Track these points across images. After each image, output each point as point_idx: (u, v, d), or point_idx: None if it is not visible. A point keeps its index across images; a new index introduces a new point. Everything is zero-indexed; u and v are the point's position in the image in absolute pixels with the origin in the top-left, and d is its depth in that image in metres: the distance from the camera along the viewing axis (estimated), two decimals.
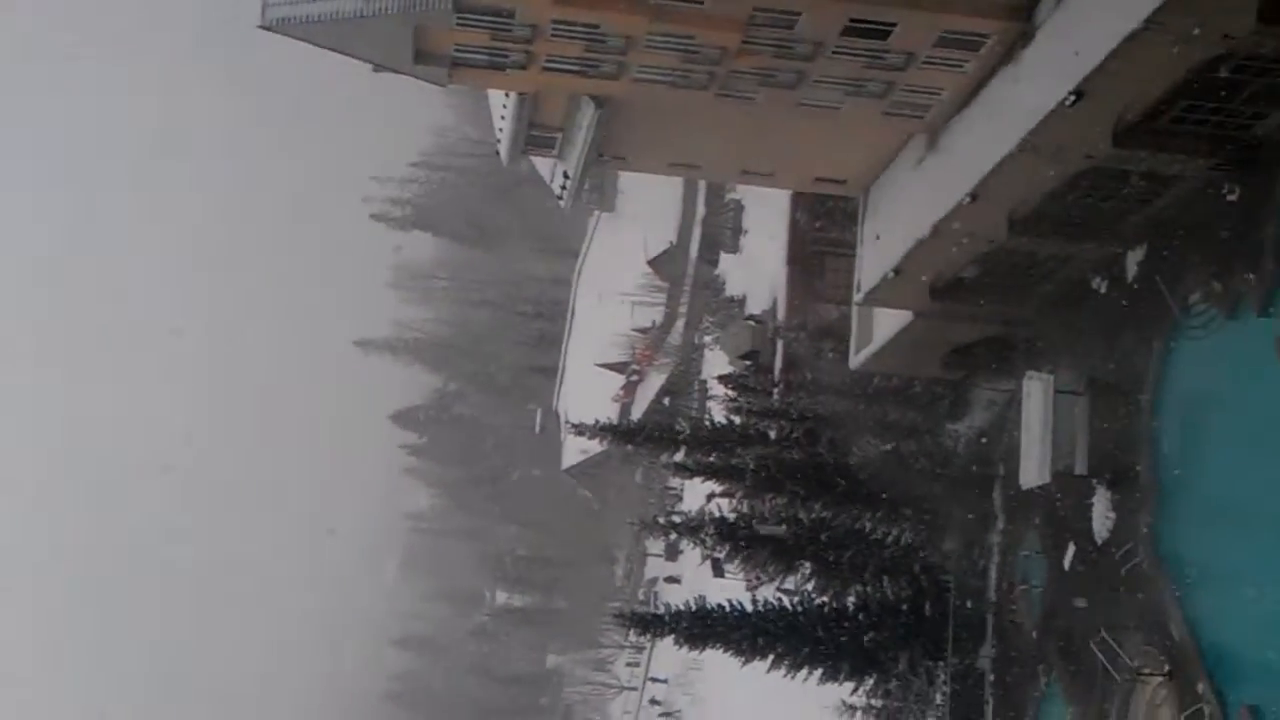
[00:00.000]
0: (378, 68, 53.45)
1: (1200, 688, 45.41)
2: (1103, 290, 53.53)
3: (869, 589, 64.98)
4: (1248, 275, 44.53)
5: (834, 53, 47.94)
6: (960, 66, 48.27)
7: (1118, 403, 52.25)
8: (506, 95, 57.01)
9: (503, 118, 58.71)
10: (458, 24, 48.22)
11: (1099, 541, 52.61)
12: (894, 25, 46.37)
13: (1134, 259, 51.34)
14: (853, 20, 46.20)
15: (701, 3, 45.96)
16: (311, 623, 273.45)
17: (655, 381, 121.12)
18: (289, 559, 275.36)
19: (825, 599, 66.19)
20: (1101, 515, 52.63)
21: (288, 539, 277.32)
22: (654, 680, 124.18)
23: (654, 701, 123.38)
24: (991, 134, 47.33)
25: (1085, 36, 41.38)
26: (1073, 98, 41.97)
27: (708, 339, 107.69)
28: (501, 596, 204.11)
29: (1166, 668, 47.46)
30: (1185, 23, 38.28)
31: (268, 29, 50.92)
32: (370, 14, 48.92)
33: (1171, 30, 38.57)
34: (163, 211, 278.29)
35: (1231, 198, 45.40)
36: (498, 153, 62.78)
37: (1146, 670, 48.42)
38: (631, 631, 75.44)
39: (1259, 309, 44.01)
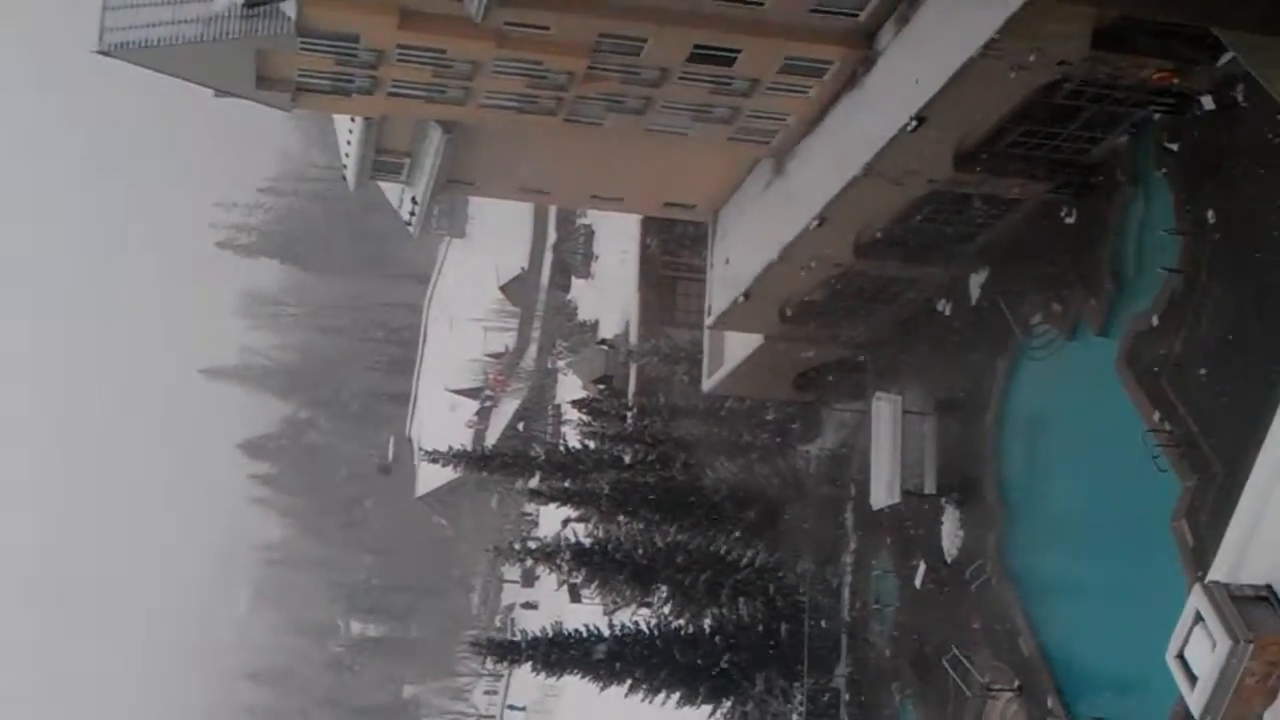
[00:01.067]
0: (220, 93, 52.58)
1: (1050, 702, 46.12)
2: (948, 312, 54.38)
3: (725, 611, 65.13)
4: (1087, 297, 45.48)
5: (680, 78, 48.12)
6: (805, 92, 48.72)
7: (964, 422, 53.10)
8: (353, 120, 56.40)
9: (349, 143, 58.09)
10: (301, 49, 47.55)
11: (949, 559, 53.34)
12: (739, 51, 46.64)
13: (977, 281, 52.21)
14: (698, 47, 46.41)
15: (548, 28, 45.85)
16: (162, 656, 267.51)
17: (509, 407, 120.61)
18: (139, 592, 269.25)
19: (682, 622, 66.23)
20: (951, 533, 53.38)
21: (136, 572, 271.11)
22: (511, 709, 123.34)
23: None
24: (837, 159, 47.83)
25: (925, 63, 42.00)
26: (914, 123, 42.54)
27: (561, 364, 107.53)
28: (356, 627, 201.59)
29: (1016, 683, 48.15)
30: (1021, 49, 39.00)
31: (105, 54, 49.74)
32: (211, 39, 48.00)
33: (1008, 56, 39.28)
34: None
35: (1070, 220, 46.38)
36: (345, 178, 62.09)
37: (997, 686, 49.08)
38: (488, 659, 74.74)
39: (1098, 329, 44.96)
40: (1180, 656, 34.85)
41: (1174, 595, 38.48)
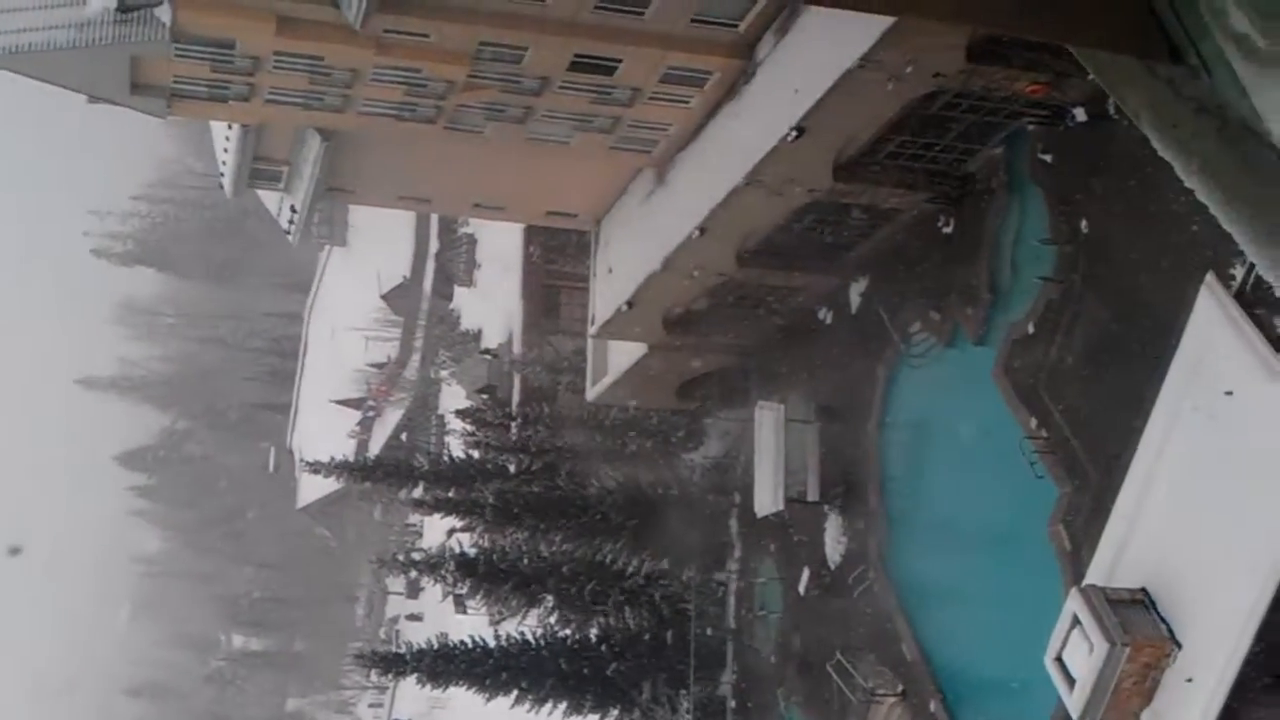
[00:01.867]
0: (94, 99, 51.59)
1: (933, 706, 46.63)
2: (829, 321, 54.81)
3: (611, 620, 65.19)
4: (964, 305, 46.05)
5: (561, 87, 48.00)
6: (686, 102, 48.83)
7: (847, 430, 53.53)
8: (230, 127, 55.63)
9: (226, 150, 57.28)
10: (176, 55, 46.77)
11: (832, 566, 53.74)
12: (619, 61, 46.64)
13: (857, 290, 52.69)
14: (579, 56, 46.31)
15: (427, 36, 45.51)
16: (39, 672, 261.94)
17: (392, 417, 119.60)
18: (13, 606, 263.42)
19: (568, 632, 66.13)
20: (834, 540, 53.78)
21: (11, 586, 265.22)
22: None
23: None
24: (718, 169, 48.00)
25: (804, 74, 42.27)
26: (794, 134, 42.81)
27: (444, 373, 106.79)
28: (238, 640, 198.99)
29: (900, 688, 48.62)
30: (898, 61, 39.40)
31: None
32: (84, 44, 47.12)
33: (886, 68, 39.65)
34: None
35: (947, 230, 46.94)
36: (222, 186, 61.23)
37: (881, 691, 49.52)
38: (373, 672, 74.10)
39: (975, 338, 45.54)
40: (1059, 659, 35.45)
41: (1052, 599, 39.11)
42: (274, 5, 44.16)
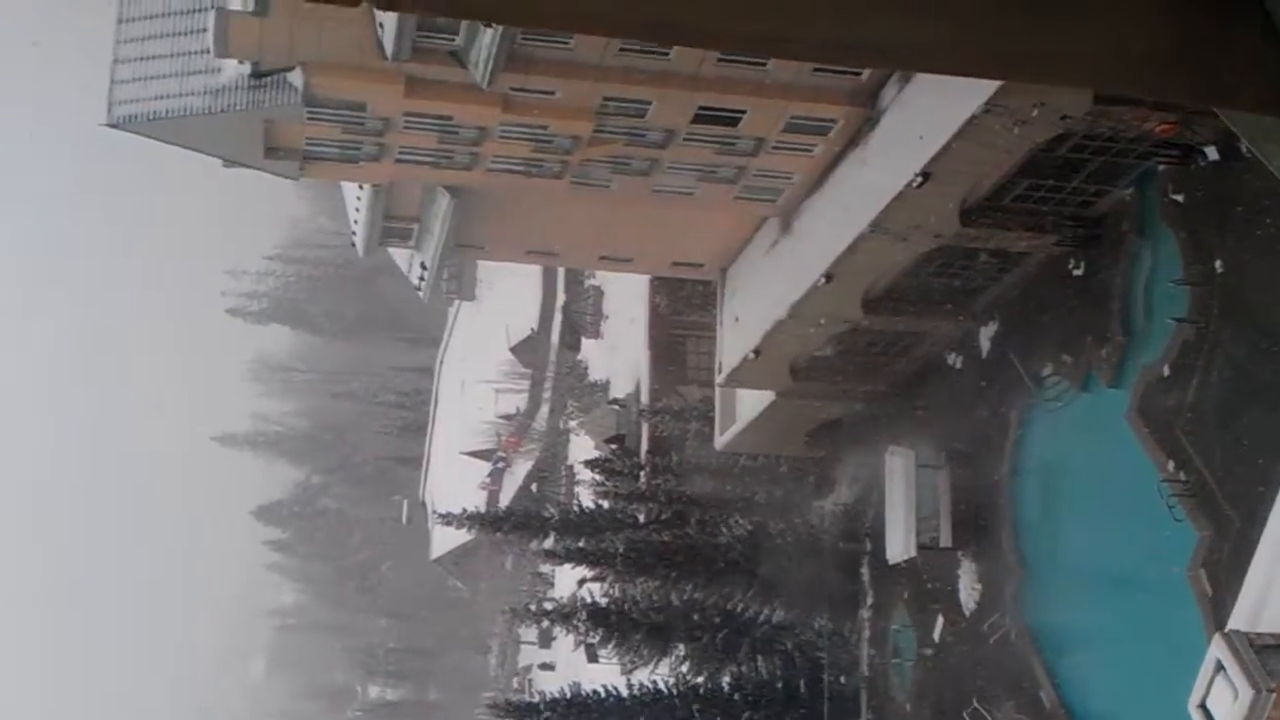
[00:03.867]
0: (229, 163, 52.95)
1: None
2: (959, 366, 54.45)
3: (743, 668, 64.95)
4: (1098, 348, 45.55)
5: (685, 140, 48.46)
6: (809, 151, 49.02)
7: (979, 475, 53.05)
8: (361, 187, 56.76)
9: (358, 209, 58.39)
10: (309, 119, 47.94)
11: (967, 612, 53.18)
12: (743, 112, 47.00)
13: (987, 334, 52.33)
14: (702, 108, 46.75)
15: (553, 93, 46.23)
16: None
17: (522, 468, 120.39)
18: (153, 659, 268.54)
19: (700, 680, 65.98)
20: (968, 586, 53.25)
21: (151, 640, 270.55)
22: None
23: None
24: (843, 216, 48.05)
25: (928, 120, 42.27)
26: (919, 179, 42.78)
27: (573, 424, 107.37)
28: (374, 691, 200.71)
29: None
30: (1023, 105, 39.26)
31: (114, 127, 50.22)
32: (219, 110, 48.45)
33: (1011, 112, 39.55)
34: (9, 321, 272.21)
35: (1078, 272, 46.52)
36: (354, 244, 62.39)
37: None
38: None
39: (1109, 380, 45.01)
40: (1203, 706, 34.71)
41: (1193, 644, 38.38)
42: (403, 67, 45.14)
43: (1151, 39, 5.05)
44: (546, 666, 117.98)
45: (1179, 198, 41.83)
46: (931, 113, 42.20)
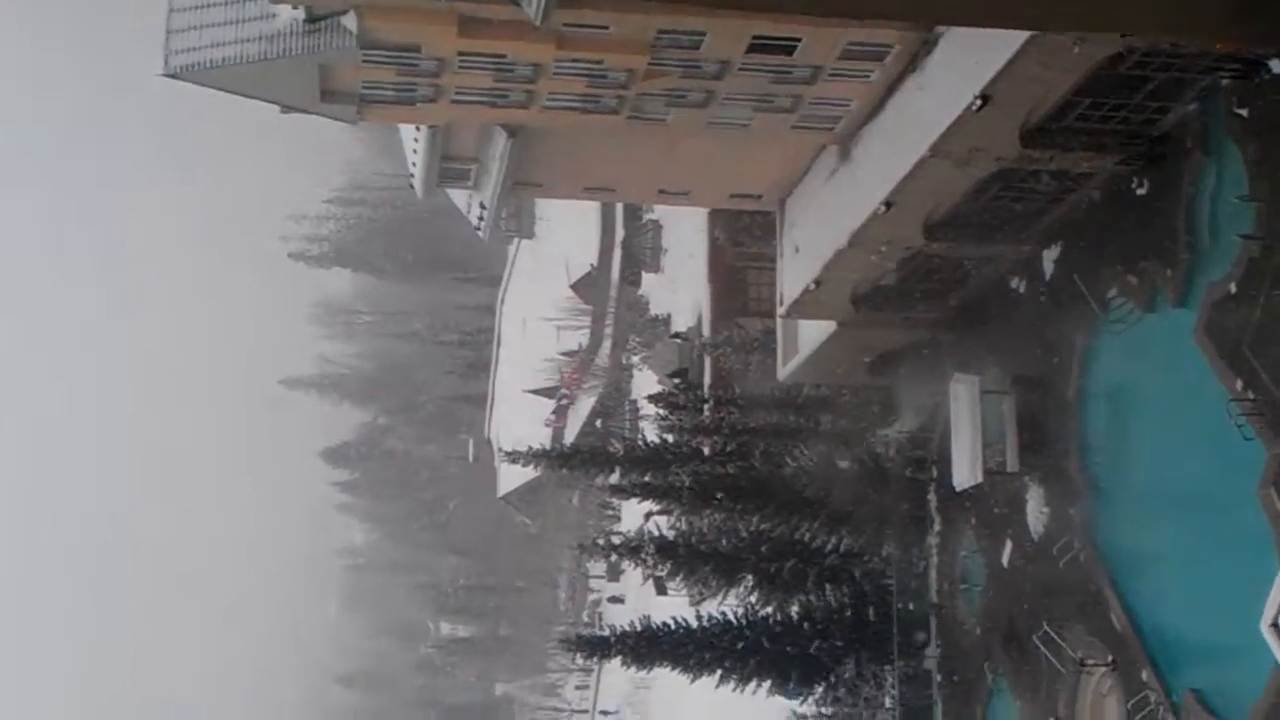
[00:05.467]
0: (286, 108, 53.16)
1: (1144, 675, 45.85)
2: (1022, 290, 54.08)
3: (812, 598, 65.17)
4: (1163, 268, 45.12)
5: (741, 70, 48.16)
6: (866, 77, 48.64)
7: (1045, 399, 52.82)
8: (418, 129, 56.86)
9: (415, 151, 58.54)
10: (364, 62, 48.03)
11: (1035, 537, 53.12)
12: (798, 40, 46.63)
13: (1050, 257, 51.91)
14: (757, 38, 46.42)
15: (607, 27, 46.04)
16: (253, 665, 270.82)
17: (586, 404, 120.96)
18: (229, 601, 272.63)
19: (769, 610, 66.32)
20: (1036, 511, 53.15)
21: (226, 581, 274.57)
22: (603, 715, 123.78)
23: None
24: (902, 142, 47.70)
25: (987, 42, 41.79)
26: (979, 102, 42.36)
27: (635, 359, 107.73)
28: (445, 627, 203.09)
29: (1110, 658, 47.92)
30: None
31: (171, 77, 50.47)
32: (275, 56, 48.60)
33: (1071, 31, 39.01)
34: (79, 269, 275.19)
35: (1141, 192, 46.01)
36: (412, 186, 62.59)
37: (1090, 661, 48.89)
38: (578, 655, 75.19)
39: (1176, 300, 44.60)
40: (1275, 625, 34.66)
41: (1264, 563, 38.29)
42: (456, 7, 45.11)
43: None
44: (616, 600, 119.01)
45: (1243, 112, 41.22)
46: (990, 33, 41.69)
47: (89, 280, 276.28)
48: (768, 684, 64.90)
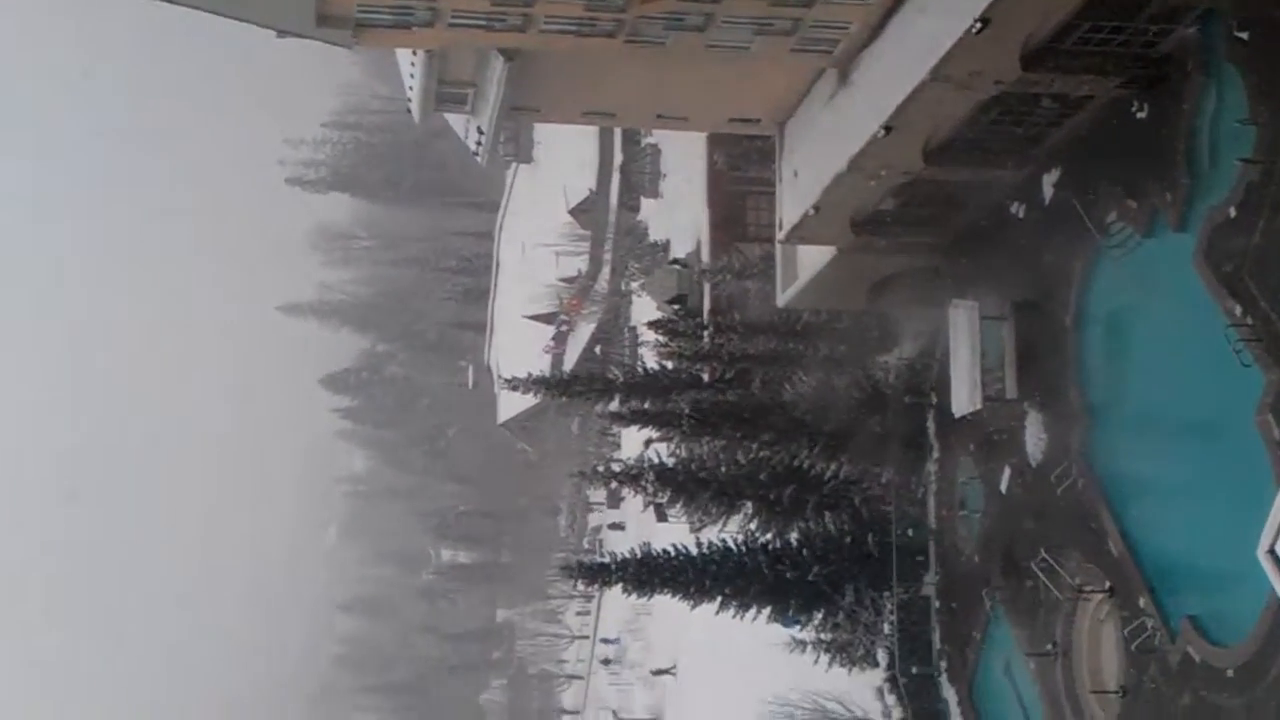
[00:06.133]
0: (281, 33, 52.64)
1: (1142, 602, 45.99)
2: (1021, 215, 53.80)
3: (811, 525, 65.32)
4: (1163, 192, 44.84)
5: None
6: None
7: (1043, 325, 52.67)
8: (414, 53, 56.37)
9: (412, 75, 58.06)
10: None
11: (1034, 463, 53.14)
12: None
13: (1049, 182, 51.57)
14: None
15: None
16: (255, 593, 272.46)
17: (585, 331, 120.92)
18: (226, 531, 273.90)
19: (769, 537, 66.50)
20: (1034, 437, 53.14)
21: (224, 510, 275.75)
22: (604, 642, 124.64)
23: (606, 661, 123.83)
24: (901, 66, 47.25)
25: None
26: (978, 25, 41.94)
27: (634, 285, 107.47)
28: (447, 554, 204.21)
29: (1107, 584, 48.06)
30: None
31: (167, 1, 49.96)
32: None
33: None
34: (77, 196, 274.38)
35: (1141, 115, 45.64)
36: (410, 111, 62.15)
37: (1088, 588, 49.05)
38: (579, 582, 75.58)
39: (1175, 225, 44.34)
40: (1272, 551, 34.73)
41: (1262, 489, 38.31)
42: None
43: None
44: (616, 526, 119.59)
45: (1244, 35, 40.79)
46: None
47: (84, 212, 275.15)
48: (767, 610, 65.20)
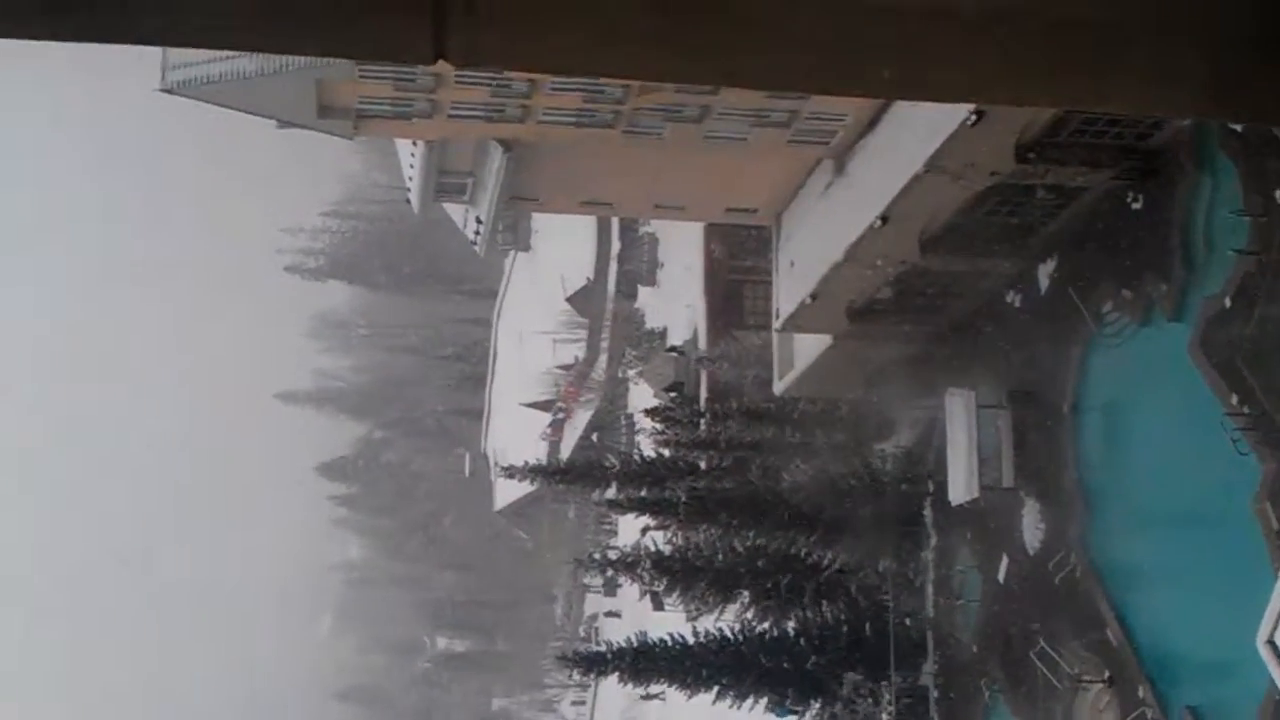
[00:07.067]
0: (282, 124, 53.23)
1: (1141, 692, 45.79)
2: (1017, 304, 54.09)
3: (809, 613, 65.05)
4: (1158, 282, 45.14)
5: None
6: None
7: (1040, 414, 52.80)
8: (414, 143, 56.90)
9: (412, 165, 58.59)
10: (360, 77, 48.11)
11: (1031, 552, 53.05)
12: None
13: (1045, 271, 51.92)
14: None
15: None
16: (248, 680, 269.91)
17: (582, 418, 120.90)
18: (220, 616, 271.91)
19: (766, 626, 66.21)
20: (1032, 526, 53.09)
21: (219, 596, 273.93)
22: None
23: None
24: (897, 157, 47.74)
25: None
26: (973, 117, 42.42)
27: (631, 373, 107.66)
28: (442, 642, 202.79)
29: (1106, 674, 47.86)
30: None
31: (169, 92, 50.55)
32: (272, 72, 48.69)
33: None
34: (72, 284, 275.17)
35: (1136, 206, 46.06)
36: (409, 201, 62.60)
37: (1087, 678, 48.83)
38: (575, 671, 75.14)
39: (1170, 314, 44.62)
40: (1271, 642, 34.61)
41: (1260, 578, 38.23)
42: None
43: (1196, 74, 5.08)
44: (612, 614, 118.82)
45: (1238, 127, 41.24)
46: None
47: (83, 294, 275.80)
48: (764, 699, 64.77)
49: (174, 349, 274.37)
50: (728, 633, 65.30)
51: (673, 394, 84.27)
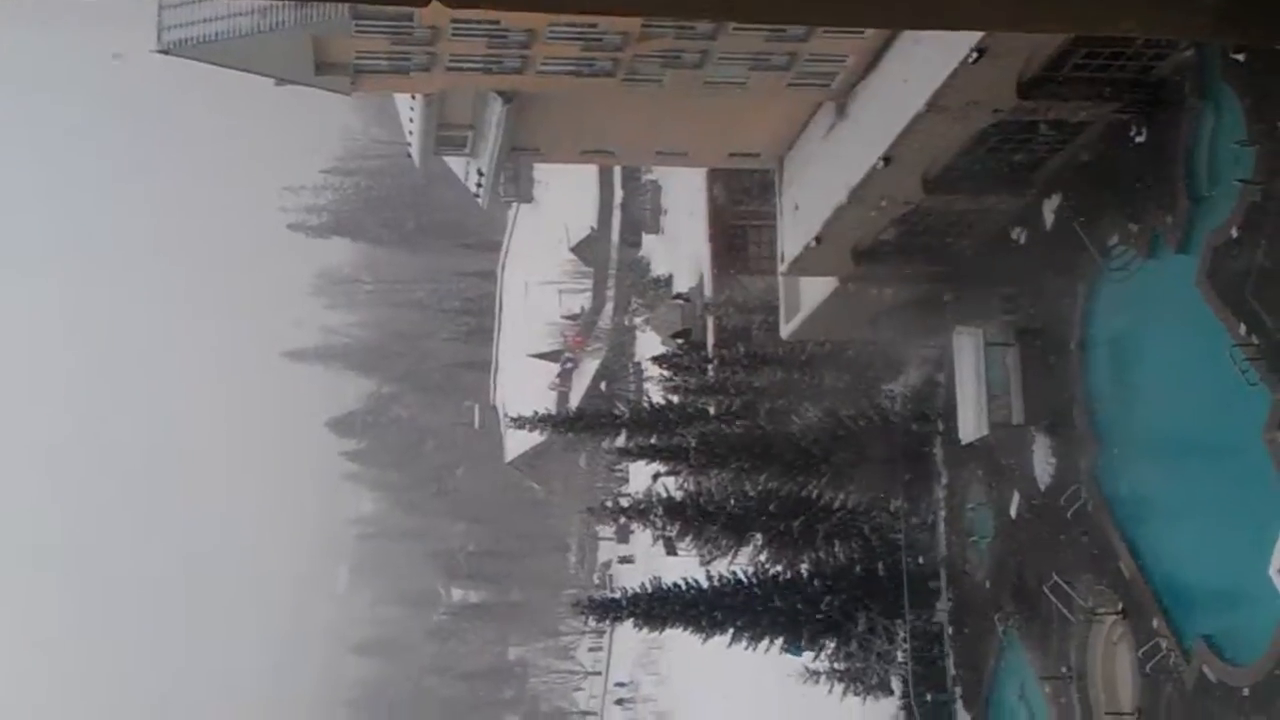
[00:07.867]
0: (281, 81, 53.05)
1: (1155, 623, 45.96)
2: (1023, 241, 53.99)
3: (821, 555, 65.29)
4: (1163, 214, 45.05)
5: (735, 29, 47.90)
6: (861, 32, 48.39)
7: (1048, 350, 52.82)
8: (413, 97, 56.74)
9: (411, 120, 58.41)
10: (356, 32, 47.91)
11: (1042, 488, 53.18)
12: None
13: (1050, 207, 51.80)
14: None
15: None
16: (267, 637, 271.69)
17: (590, 367, 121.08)
18: (238, 576, 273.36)
19: (779, 568, 66.48)
20: (1042, 462, 53.19)
21: (234, 556, 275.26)
22: (617, 685, 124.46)
23: (619, 701, 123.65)
24: (899, 97, 47.55)
25: None
26: (975, 55, 42.22)
27: (638, 320, 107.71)
28: (457, 594, 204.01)
29: (1120, 606, 48.05)
30: None
31: (165, 53, 50.39)
32: (268, 30, 48.55)
33: None
34: (75, 247, 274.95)
35: (1140, 139, 45.87)
36: (410, 155, 62.49)
37: (1100, 610, 49.03)
38: (590, 618, 75.47)
39: (1176, 246, 44.53)
40: None
41: (1271, 508, 38.38)
42: None
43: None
44: (626, 561, 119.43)
45: (1240, 56, 41.06)
46: None
47: (86, 259, 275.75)
48: (779, 641, 65.12)
49: (180, 312, 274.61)
50: (741, 576, 65.57)
51: (680, 340, 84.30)
